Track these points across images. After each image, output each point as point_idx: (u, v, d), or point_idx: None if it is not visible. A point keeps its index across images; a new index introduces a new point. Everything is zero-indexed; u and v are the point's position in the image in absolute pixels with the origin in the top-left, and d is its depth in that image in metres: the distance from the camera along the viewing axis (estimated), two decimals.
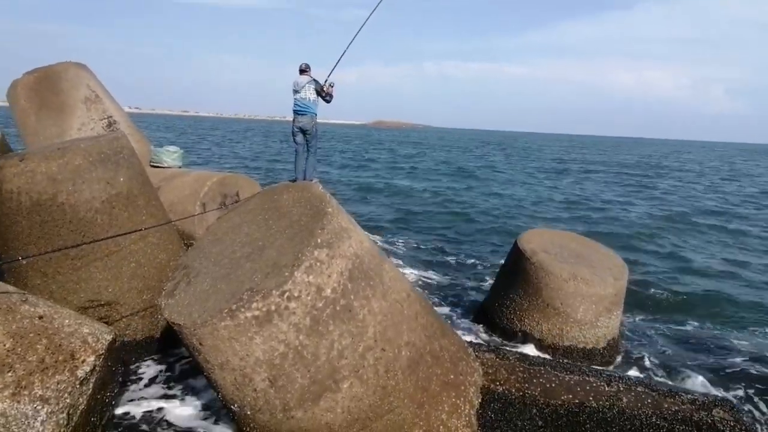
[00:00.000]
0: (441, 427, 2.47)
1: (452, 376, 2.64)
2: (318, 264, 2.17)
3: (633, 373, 3.65)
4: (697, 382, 3.75)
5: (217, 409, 2.95)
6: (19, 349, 1.98)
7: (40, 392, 1.95)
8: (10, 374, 1.91)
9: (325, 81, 6.53)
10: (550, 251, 4.21)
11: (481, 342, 4.07)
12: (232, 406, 2.32)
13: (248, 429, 2.40)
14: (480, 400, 2.67)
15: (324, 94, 6.53)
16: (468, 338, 3.90)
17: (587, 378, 2.89)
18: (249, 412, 2.28)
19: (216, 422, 2.89)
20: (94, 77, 6.63)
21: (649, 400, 2.70)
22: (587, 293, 3.88)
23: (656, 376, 3.72)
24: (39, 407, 1.93)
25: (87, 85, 6.38)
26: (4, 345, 1.96)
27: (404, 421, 2.38)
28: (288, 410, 2.22)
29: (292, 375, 2.17)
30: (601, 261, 4.24)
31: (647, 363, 3.91)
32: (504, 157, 35.41)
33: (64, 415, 2.00)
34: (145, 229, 3.38)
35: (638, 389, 2.82)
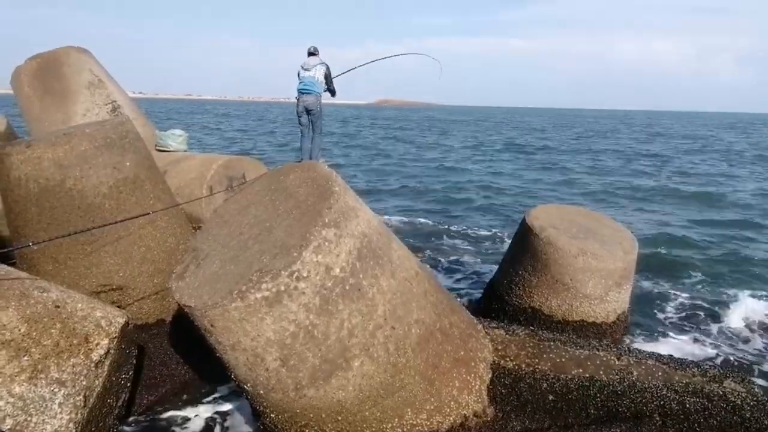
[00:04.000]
0: (452, 402, 2.49)
1: (462, 353, 2.65)
2: (326, 243, 2.16)
3: (644, 346, 3.65)
4: (710, 355, 3.74)
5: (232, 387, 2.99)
6: (34, 334, 2.01)
7: (56, 375, 1.98)
8: (26, 358, 1.94)
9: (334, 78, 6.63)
10: (559, 227, 4.18)
11: (491, 319, 4.07)
12: (245, 386, 2.35)
13: (262, 408, 2.44)
14: (490, 376, 2.69)
15: (330, 82, 6.54)
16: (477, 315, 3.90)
17: (597, 352, 2.89)
18: (262, 392, 2.31)
19: (232, 401, 2.94)
20: (96, 62, 6.58)
21: (659, 373, 2.71)
22: (597, 268, 3.86)
23: (667, 349, 3.71)
24: (56, 390, 1.97)
25: (89, 69, 6.34)
26: (19, 330, 1.99)
27: (415, 398, 2.40)
28: (300, 389, 2.24)
29: (303, 354, 2.18)
30: (611, 235, 4.21)
31: (658, 336, 3.91)
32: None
33: (81, 397, 2.04)
34: (154, 212, 3.39)
35: (648, 362, 2.83)
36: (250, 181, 2.96)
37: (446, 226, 8.04)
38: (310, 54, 6.54)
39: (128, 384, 2.54)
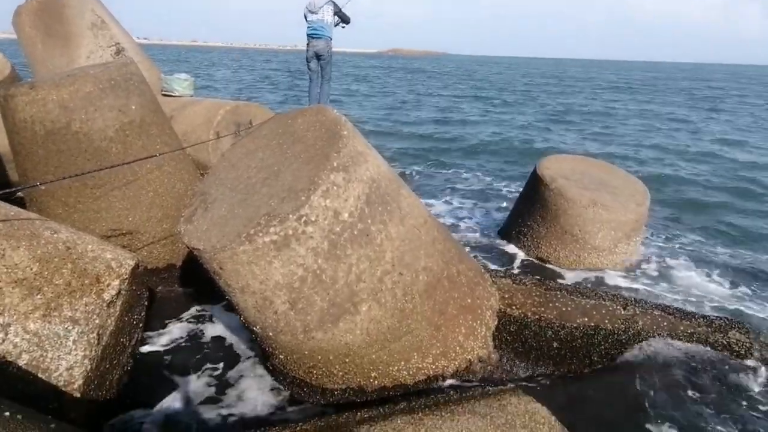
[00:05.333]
0: (458, 347, 2.53)
1: (469, 300, 2.67)
2: (334, 188, 2.13)
3: (651, 298, 3.66)
4: (717, 306, 3.75)
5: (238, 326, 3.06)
6: (46, 273, 2.04)
7: (69, 314, 2.02)
8: (39, 296, 1.97)
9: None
10: (570, 177, 4.12)
11: (498, 268, 4.09)
12: (254, 328, 2.39)
13: (271, 349, 2.49)
14: (496, 323, 2.72)
15: (342, 15, 6.25)
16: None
17: (603, 302, 2.91)
18: (271, 334, 2.35)
19: (240, 336, 3.01)
20: (99, 2, 6.39)
21: (665, 323, 2.72)
22: (607, 219, 3.83)
23: (675, 301, 3.72)
24: (70, 327, 2.01)
25: (92, 10, 6.16)
26: (31, 269, 2.01)
27: (422, 342, 2.44)
28: (308, 331, 2.28)
29: (311, 298, 2.20)
30: (623, 187, 4.15)
31: (666, 288, 3.91)
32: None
33: (95, 335, 2.08)
34: (161, 154, 3.36)
35: (654, 312, 2.84)
36: (258, 125, 2.90)
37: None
38: None
39: (140, 324, 2.60)
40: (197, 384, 2.65)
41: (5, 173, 5.52)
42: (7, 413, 1.30)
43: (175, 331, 3.12)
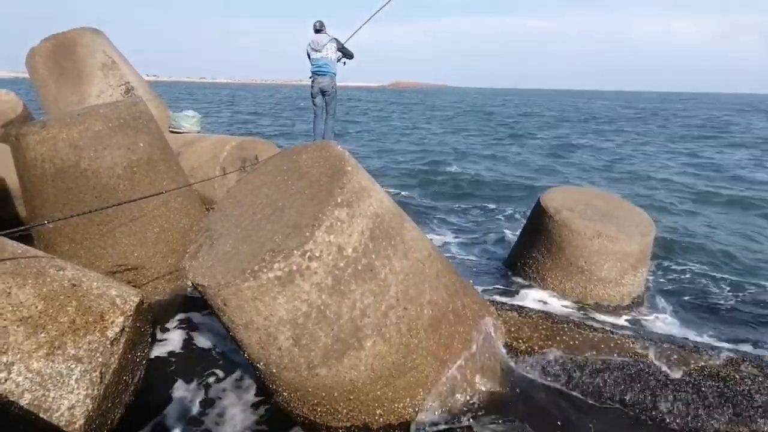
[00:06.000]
0: (465, 383, 2.49)
1: (475, 334, 2.64)
2: (338, 223, 2.15)
3: (659, 330, 3.61)
4: (727, 338, 3.69)
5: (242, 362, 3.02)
6: (51, 311, 2.04)
7: (72, 352, 2.01)
8: (43, 335, 1.97)
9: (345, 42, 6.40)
10: (575, 209, 4.12)
11: (504, 301, 4.06)
12: (258, 365, 2.37)
13: (274, 387, 2.46)
14: None
15: (346, 51, 6.39)
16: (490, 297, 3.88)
17: (611, 335, 2.87)
18: (275, 370, 2.32)
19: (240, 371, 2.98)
20: (109, 43, 6.59)
21: (675, 356, 2.67)
22: (612, 251, 3.81)
23: (684, 333, 3.67)
24: (72, 366, 2.00)
25: (103, 51, 6.36)
26: (36, 307, 2.02)
27: (427, 378, 2.40)
28: (312, 368, 2.25)
29: (315, 334, 2.19)
30: (627, 218, 4.14)
31: (674, 320, 3.86)
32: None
33: (97, 373, 2.07)
34: (167, 191, 3.41)
35: (664, 345, 2.79)
36: (263, 161, 2.95)
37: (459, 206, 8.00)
38: (317, 31, 6.40)
39: (144, 362, 2.57)
40: (202, 425, 2.61)
41: (14, 210, 5.58)
42: None
43: (183, 369, 3.09)
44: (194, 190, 4.26)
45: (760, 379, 2.47)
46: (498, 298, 4.15)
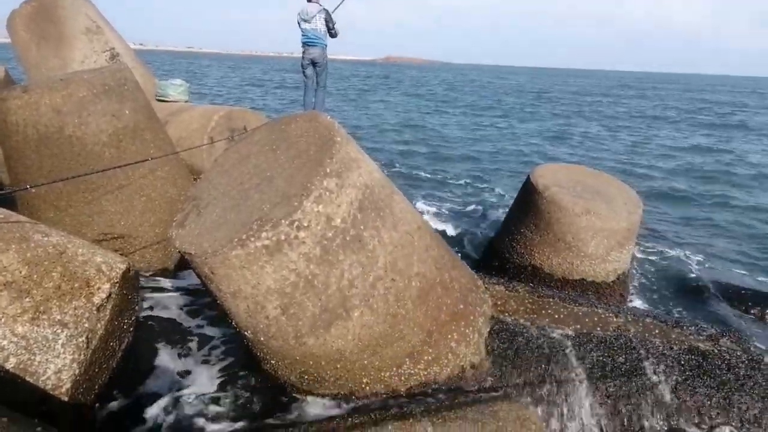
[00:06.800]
0: (449, 354, 2.52)
1: (462, 307, 2.67)
2: (327, 194, 2.14)
3: (642, 306, 3.68)
4: (708, 316, 3.78)
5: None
6: (35, 276, 2.02)
7: (58, 317, 2.00)
8: (27, 300, 1.96)
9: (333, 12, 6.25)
10: (564, 185, 4.14)
11: (491, 276, 4.10)
12: (245, 333, 2.38)
13: (262, 354, 2.48)
14: (489, 330, 2.72)
15: (331, 29, 6.26)
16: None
17: (595, 309, 2.92)
18: (262, 338, 2.33)
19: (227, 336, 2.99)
20: (93, 7, 6.39)
21: (656, 331, 2.73)
22: (600, 227, 3.85)
23: (666, 309, 3.74)
24: (59, 331, 1.99)
25: (86, 14, 6.16)
26: (20, 272, 1.99)
27: (413, 348, 2.43)
28: (300, 337, 2.27)
29: (303, 303, 2.20)
30: (616, 195, 4.17)
31: (657, 296, 3.93)
32: None
33: (84, 338, 2.06)
34: (153, 158, 3.36)
35: (646, 320, 2.85)
36: (251, 130, 2.91)
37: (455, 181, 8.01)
38: (309, 0, 6.28)
39: (131, 329, 2.57)
40: (189, 388, 2.63)
41: None
42: None
43: (168, 333, 3.09)
44: (182, 160, 4.20)
45: (738, 353, 2.54)
46: (485, 273, 4.20)
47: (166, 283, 3.68)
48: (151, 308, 3.33)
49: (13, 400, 1.63)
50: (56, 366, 1.97)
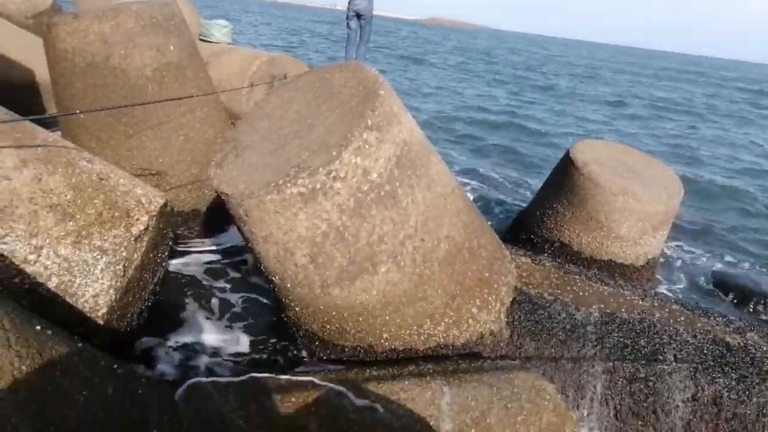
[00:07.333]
0: (470, 319, 2.54)
1: (487, 274, 2.66)
2: (366, 146, 2.12)
3: (669, 293, 3.62)
4: (738, 310, 3.69)
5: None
6: (79, 201, 2.09)
7: (98, 243, 2.08)
8: (71, 223, 2.03)
9: None
10: (603, 163, 4.02)
11: (518, 247, 4.07)
12: (273, 278, 2.43)
13: (287, 301, 2.54)
14: (511, 300, 2.72)
15: None
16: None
17: (621, 291, 2.88)
18: (289, 285, 2.39)
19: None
20: None
21: (682, 318, 2.69)
22: (635, 209, 3.75)
23: (693, 298, 3.67)
24: (98, 256, 2.07)
25: None
26: (66, 196, 2.06)
27: (435, 310, 2.46)
28: (326, 287, 2.31)
29: (332, 254, 2.22)
30: (656, 178, 4.04)
31: (686, 285, 3.85)
32: None
33: (121, 266, 2.15)
34: (197, 96, 3.38)
35: (673, 307, 2.81)
36: (295, 76, 2.89)
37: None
38: None
39: (163, 263, 2.66)
40: (214, 326, 2.73)
41: (43, 105, 5.62)
42: (38, 327, 1.36)
43: (197, 272, 3.20)
44: (221, 102, 4.21)
45: (764, 348, 2.49)
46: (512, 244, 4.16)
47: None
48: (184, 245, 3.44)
49: (52, 318, 1.72)
50: (94, 290, 2.06)
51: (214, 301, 3.00)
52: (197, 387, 2.15)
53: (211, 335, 2.71)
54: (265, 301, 3.03)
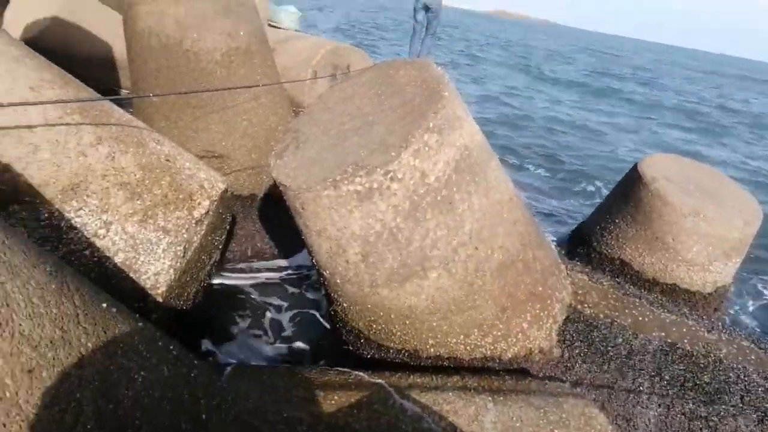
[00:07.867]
0: (520, 334, 2.46)
1: (540, 289, 2.57)
2: (426, 149, 2.07)
3: (739, 327, 3.37)
4: None
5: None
6: (147, 182, 2.17)
7: (162, 223, 2.15)
8: (139, 202, 2.11)
9: None
10: (673, 180, 3.78)
11: (576, 263, 3.91)
12: (324, 272, 2.44)
13: (335, 296, 2.55)
14: (564, 318, 2.61)
15: None
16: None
17: (686, 320, 2.70)
18: (338, 281, 2.39)
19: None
20: None
21: (752, 357, 2.49)
22: (706, 233, 3.50)
23: (763, 335, 3.41)
24: (161, 236, 2.15)
25: None
26: (135, 175, 2.15)
27: (484, 321, 2.39)
28: (375, 286, 2.29)
29: (383, 254, 2.20)
30: (731, 200, 3.76)
31: (760, 320, 3.57)
32: None
33: (181, 247, 2.21)
34: (264, 85, 3.44)
35: (742, 343, 2.61)
36: (358, 71, 2.87)
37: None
38: None
39: (220, 246, 2.73)
40: (265, 315, 2.78)
41: (117, 80, 5.90)
42: (104, 305, 1.41)
43: (252, 259, 3.26)
44: (285, 90, 4.27)
45: None
46: (568, 259, 4.01)
47: None
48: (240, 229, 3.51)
49: (116, 293, 1.79)
50: (156, 268, 2.14)
51: (267, 288, 3.06)
52: (242, 370, 2.19)
53: (262, 323, 2.76)
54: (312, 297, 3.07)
